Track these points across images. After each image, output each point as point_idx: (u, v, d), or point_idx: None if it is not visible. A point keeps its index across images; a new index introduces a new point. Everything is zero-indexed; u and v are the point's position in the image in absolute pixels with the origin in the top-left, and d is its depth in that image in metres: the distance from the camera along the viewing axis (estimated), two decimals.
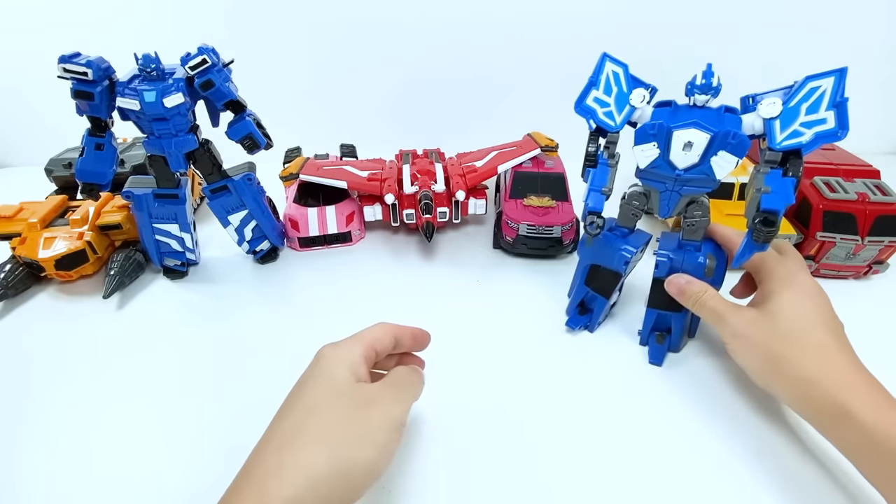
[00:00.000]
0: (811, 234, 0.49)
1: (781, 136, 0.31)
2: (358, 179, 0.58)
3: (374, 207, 0.58)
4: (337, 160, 0.65)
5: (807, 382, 0.30)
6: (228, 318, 0.48)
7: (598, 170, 0.38)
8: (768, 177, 0.32)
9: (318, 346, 0.30)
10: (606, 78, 0.37)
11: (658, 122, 0.34)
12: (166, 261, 0.52)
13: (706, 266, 0.38)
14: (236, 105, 0.46)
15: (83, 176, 0.46)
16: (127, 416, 0.37)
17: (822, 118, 0.31)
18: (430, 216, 0.52)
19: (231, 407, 0.38)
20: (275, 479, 0.22)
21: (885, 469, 0.27)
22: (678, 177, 0.35)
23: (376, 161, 0.65)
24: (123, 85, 0.42)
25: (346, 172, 0.59)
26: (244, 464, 0.25)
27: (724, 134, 0.32)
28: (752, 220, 0.33)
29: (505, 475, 0.33)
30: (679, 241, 0.39)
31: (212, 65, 0.43)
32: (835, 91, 0.30)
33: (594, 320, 0.44)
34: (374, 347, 0.29)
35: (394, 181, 0.57)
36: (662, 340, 0.41)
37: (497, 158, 0.60)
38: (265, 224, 0.53)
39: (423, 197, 0.53)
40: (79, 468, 0.34)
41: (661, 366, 0.40)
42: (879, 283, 0.51)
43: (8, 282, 0.48)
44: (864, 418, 0.27)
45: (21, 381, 0.40)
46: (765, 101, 0.32)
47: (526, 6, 0.72)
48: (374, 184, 0.57)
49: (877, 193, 0.49)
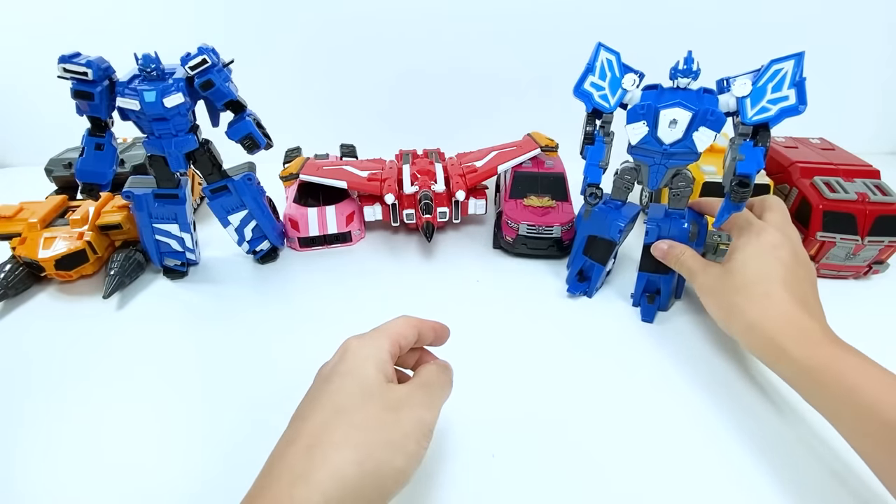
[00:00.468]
0: (811, 234, 0.49)
1: (752, 112, 0.37)
2: (358, 179, 0.58)
3: (373, 207, 0.58)
4: (337, 160, 0.65)
5: (752, 327, 0.35)
6: (228, 317, 0.48)
7: (595, 147, 0.43)
8: (742, 147, 0.38)
9: (317, 346, 0.30)
10: (601, 65, 0.41)
11: (647, 103, 0.39)
12: (166, 261, 0.52)
13: (690, 231, 0.44)
14: (236, 105, 0.46)
15: (83, 176, 0.46)
16: (127, 415, 0.37)
17: (785, 95, 0.36)
18: (430, 216, 0.52)
19: (231, 406, 0.38)
20: (303, 483, 0.21)
21: (819, 395, 0.31)
22: (665, 151, 0.40)
23: (376, 161, 0.65)
24: (123, 85, 0.42)
25: (346, 172, 0.59)
26: (267, 462, 0.24)
27: (704, 111, 0.38)
28: (730, 184, 0.38)
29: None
30: (666, 210, 0.45)
31: (212, 65, 0.43)
32: (795, 72, 0.35)
33: (592, 286, 0.49)
34: (398, 343, 0.28)
35: (394, 181, 0.57)
36: (653, 301, 0.46)
37: (497, 158, 0.60)
38: (265, 224, 0.53)
39: (422, 197, 0.53)
40: (79, 468, 0.34)
41: (653, 322, 0.46)
42: (879, 283, 0.51)
43: (8, 282, 0.48)
44: (795, 355, 0.32)
45: (21, 381, 0.40)
46: (738, 82, 0.37)
47: (526, 5, 0.72)
48: (374, 184, 0.57)
49: (877, 193, 0.49)
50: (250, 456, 0.34)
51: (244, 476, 0.33)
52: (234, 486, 0.33)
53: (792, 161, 0.56)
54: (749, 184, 0.37)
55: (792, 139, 0.62)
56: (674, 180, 0.42)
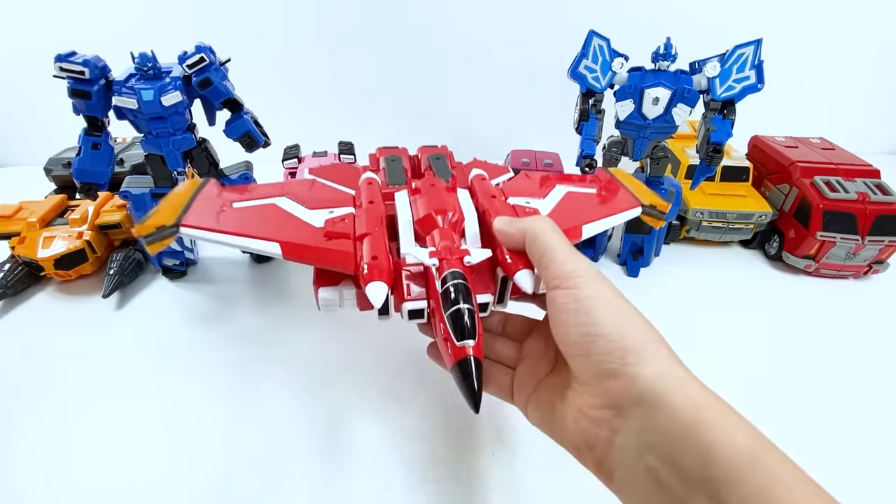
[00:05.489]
0: (811, 234, 0.49)
1: (721, 90, 0.44)
2: (303, 234, 0.30)
3: (336, 291, 0.30)
4: (291, 170, 0.51)
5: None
6: (226, 317, 0.48)
7: (589, 123, 0.48)
8: (713, 119, 0.45)
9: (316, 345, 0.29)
10: (593, 50, 0.46)
11: (633, 84, 0.45)
12: (165, 260, 0.52)
13: (668, 191, 0.50)
14: (234, 103, 0.46)
15: (81, 175, 0.46)
16: (126, 415, 0.37)
17: (747, 76, 0.43)
18: (474, 342, 0.25)
19: (230, 406, 0.38)
20: None
21: None
22: (648, 125, 0.47)
23: (336, 172, 0.39)
24: (120, 84, 0.42)
25: (275, 214, 0.32)
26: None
27: (682, 90, 0.44)
28: (706, 151, 0.46)
29: None
30: (647, 178, 0.51)
31: (209, 63, 0.43)
32: (754, 56, 0.42)
33: (598, 252, 0.56)
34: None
35: (381, 244, 0.29)
36: (637, 258, 0.54)
37: (575, 206, 0.35)
38: None
39: (453, 293, 0.26)
40: (78, 467, 0.34)
41: (637, 277, 0.54)
42: (879, 283, 0.51)
43: (7, 281, 0.48)
44: None
45: (21, 380, 0.40)
46: (709, 65, 0.44)
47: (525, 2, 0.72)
48: (340, 251, 0.29)
49: (877, 193, 0.49)
50: (249, 455, 0.34)
51: (242, 474, 0.33)
52: (233, 484, 0.33)
53: (792, 161, 0.55)
54: (721, 150, 0.46)
55: (792, 139, 0.62)
56: (654, 151, 0.49)
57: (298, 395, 0.38)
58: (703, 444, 0.18)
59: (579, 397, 0.23)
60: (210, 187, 0.34)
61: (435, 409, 0.37)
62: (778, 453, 0.18)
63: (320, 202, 0.34)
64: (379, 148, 0.46)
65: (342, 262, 0.28)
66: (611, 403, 0.21)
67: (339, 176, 0.39)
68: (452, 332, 0.25)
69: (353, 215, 0.32)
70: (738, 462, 0.17)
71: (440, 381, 0.38)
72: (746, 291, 0.51)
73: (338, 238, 0.30)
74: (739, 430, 0.18)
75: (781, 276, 0.54)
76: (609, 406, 0.21)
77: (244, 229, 0.30)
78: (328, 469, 0.33)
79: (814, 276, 0.53)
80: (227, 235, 0.29)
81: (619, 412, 0.21)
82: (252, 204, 0.33)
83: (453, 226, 0.30)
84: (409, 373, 0.40)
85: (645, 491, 0.19)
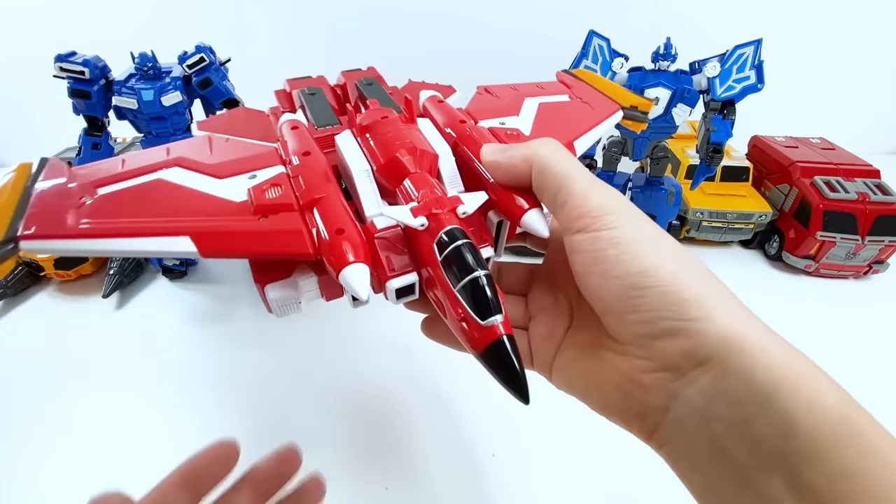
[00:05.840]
0: (811, 234, 0.49)
1: (721, 90, 0.44)
2: (220, 214, 0.22)
3: (291, 283, 0.24)
4: None
5: None
6: (227, 317, 0.48)
7: None
8: (713, 120, 0.45)
9: (315, 345, 0.30)
10: (594, 50, 0.46)
11: (633, 84, 0.45)
12: (165, 260, 0.52)
13: (668, 191, 0.50)
14: (234, 103, 0.46)
15: None
16: (126, 414, 0.37)
17: (747, 76, 0.43)
18: (503, 318, 0.19)
19: (229, 405, 0.38)
20: None
21: None
22: (648, 125, 0.45)
23: (236, 123, 0.31)
24: (120, 84, 0.42)
25: (167, 193, 0.23)
26: None
27: (682, 90, 0.44)
28: (706, 151, 0.46)
29: None
30: (647, 178, 0.51)
31: (209, 63, 0.43)
32: (754, 56, 0.42)
33: None
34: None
35: (341, 208, 0.21)
36: None
37: (562, 122, 0.30)
38: None
39: (463, 257, 0.19)
40: (78, 466, 0.34)
41: None
42: (879, 283, 0.51)
43: (7, 281, 0.48)
44: None
45: (21, 379, 0.40)
46: (709, 65, 0.44)
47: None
48: (285, 230, 0.21)
49: (877, 193, 0.49)
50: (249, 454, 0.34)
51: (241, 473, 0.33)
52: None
53: (792, 161, 0.55)
54: (721, 150, 0.46)
55: (792, 139, 0.62)
56: (654, 151, 0.49)
57: (298, 394, 0.38)
58: (784, 412, 0.15)
59: (622, 360, 0.19)
60: (53, 170, 0.24)
61: (435, 408, 0.37)
62: (872, 422, 0.15)
63: (232, 166, 0.24)
64: (288, 80, 0.34)
65: (292, 244, 0.20)
66: (667, 366, 0.17)
67: (243, 126, 0.29)
68: (472, 308, 0.19)
69: (285, 175, 0.23)
70: (826, 433, 0.14)
71: (440, 374, 0.38)
72: (746, 291, 0.50)
73: (276, 212, 0.21)
74: (830, 393, 0.15)
75: (781, 276, 0.54)
76: (665, 369, 0.17)
77: (126, 226, 0.20)
78: (328, 469, 0.33)
79: (814, 276, 0.53)
80: (101, 240, 0.20)
81: (678, 375, 0.17)
82: (128, 185, 0.23)
83: (427, 168, 0.23)
84: (407, 368, 0.40)
85: (705, 463, 0.16)
